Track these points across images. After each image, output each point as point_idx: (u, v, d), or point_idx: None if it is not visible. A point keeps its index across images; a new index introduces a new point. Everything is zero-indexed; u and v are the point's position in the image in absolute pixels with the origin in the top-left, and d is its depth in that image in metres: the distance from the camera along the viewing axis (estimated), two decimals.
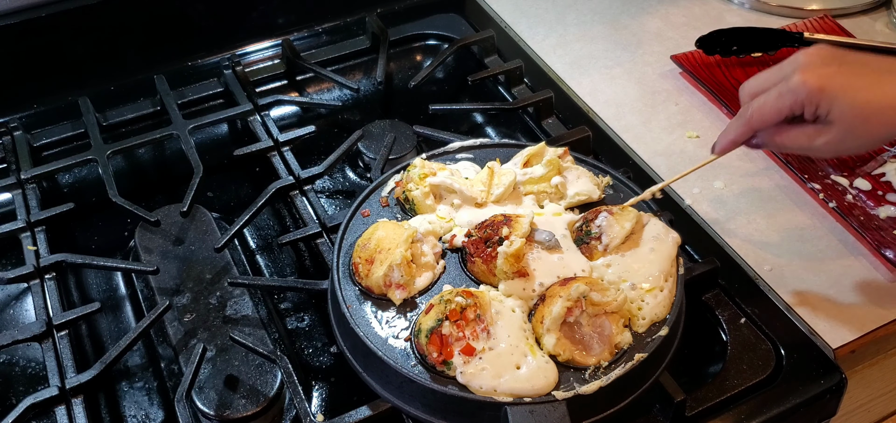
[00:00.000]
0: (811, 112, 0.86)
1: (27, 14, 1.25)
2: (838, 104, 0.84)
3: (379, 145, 1.21)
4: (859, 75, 0.85)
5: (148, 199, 1.19)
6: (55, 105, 1.28)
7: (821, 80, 0.84)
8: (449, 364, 0.84)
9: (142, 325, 0.97)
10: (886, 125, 0.85)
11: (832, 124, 0.85)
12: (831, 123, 0.85)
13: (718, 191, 1.14)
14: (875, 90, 0.84)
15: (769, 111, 0.88)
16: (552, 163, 1.01)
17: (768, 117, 0.88)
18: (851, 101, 0.84)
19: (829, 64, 0.85)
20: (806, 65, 0.85)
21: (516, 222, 0.93)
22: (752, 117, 0.89)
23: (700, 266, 1.01)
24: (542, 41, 1.40)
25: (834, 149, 0.87)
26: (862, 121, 0.84)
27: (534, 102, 1.26)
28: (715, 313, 0.99)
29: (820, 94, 0.84)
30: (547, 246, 0.93)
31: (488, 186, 1.01)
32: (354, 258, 0.94)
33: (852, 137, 0.86)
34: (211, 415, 0.90)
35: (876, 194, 1.11)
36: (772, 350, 0.96)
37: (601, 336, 0.86)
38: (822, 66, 0.85)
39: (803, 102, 0.85)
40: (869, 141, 0.87)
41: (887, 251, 1.03)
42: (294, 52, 1.35)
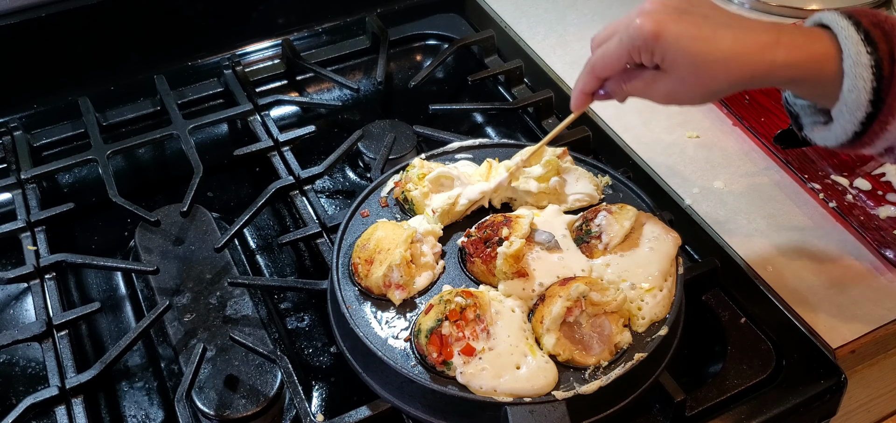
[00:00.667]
0: (649, 59, 0.84)
1: (27, 14, 1.25)
2: (671, 52, 0.82)
3: (379, 145, 1.21)
4: (697, 25, 0.82)
5: (148, 199, 1.19)
6: (55, 105, 1.28)
7: (657, 25, 0.82)
8: (449, 364, 0.84)
9: (142, 325, 0.97)
10: (717, 79, 0.82)
11: (666, 73, 0.84)
12: (665, 73, 0.84)
13: (718, 191, 1.14)
14: (708, 43, 0.81)
15: (611, 58, 0.87)
16: (551, 163, 1.01)
17: (610, 64, 0.87)
18: (683, 49, 0.81)
19: (670, 11, 0.82)
20: (647, 10, 0.83)
21: (516, 223, 0.93)
22: (596, 65, 0.88)
23: (700, 266, 1.01)
24: (542, 41, 1.40)
25: (669, 97, 0.86)
26: (693, 71, 0.82)
27: (534, 102, 1.26)
28: (715, 313, 0.99)
29: (654, 40, 0.82)
30: (547, 247, 0.93)
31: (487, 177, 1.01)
32: (354, 259, 0.94)
33: (685, 87, 0.84)
34: (211, 415, 0.90)
35: (876, 194, 1.11)
36: (772, 350, 0.96)
37: (601, 336, 0.86)
38: (662, 12, 0.82)
39: (640, 48, 0.83)
40: (702, 92, 0.85)
41: (887, 251, 1.03)
42: (294, 52, 1.35)
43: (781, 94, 0.94)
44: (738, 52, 0.81)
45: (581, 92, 0.92)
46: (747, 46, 0.81)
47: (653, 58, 0.84)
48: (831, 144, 0.87)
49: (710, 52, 0.81)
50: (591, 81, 0.91)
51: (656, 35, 0.82)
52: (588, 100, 0.93)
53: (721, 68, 0.82)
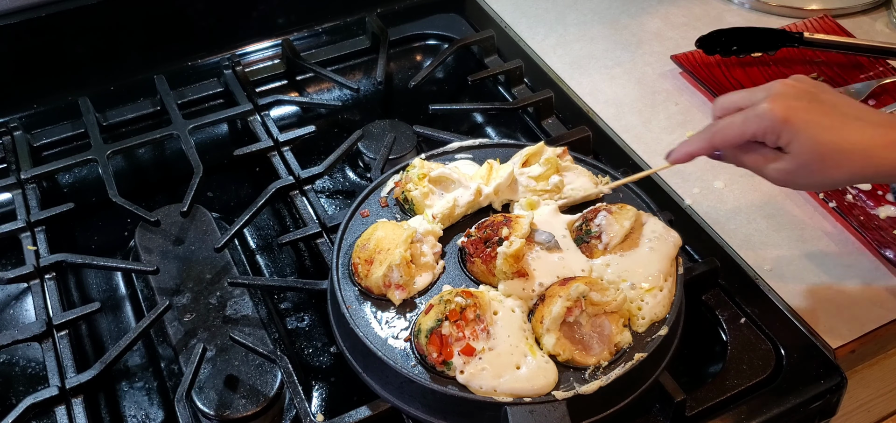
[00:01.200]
0: (773, 140, 0.86)
1: (27, 14, 1.25)
2: (799, 138, 0.84)
3: (379, 145, 1.21)
4: (826, 114, 0.84)
5: (148, 199, 1.19)
6: (55, 105, 1.28)
7: (788, 111, 0.84)
8: (449, 364, 0.84)
9: (142, 325, 0.97)
10: (841, 169, 0.84)
11: (789, 156, 0.86)
12: (788, 155, 0.86)
13: (718, 191, 1.14)
14: (837, 133, 0.84)
15: (732, 134, 0.88)
16: (550, 162, 1.01)
17: (730, 140, 0.89)
18: (811, 138, 0.84)
19: (801, 98, 0.85)
20: (778, 94, 0.85)
21: (516, 223, 0.93)
22: (715, 138, 0.90)
23: (700, 266, 1.01)
24: (542, 41, 1.40)
25: (785, 179, 0.87)
26: (818, 159, 0.84)
27: (534, 102, 1.26)
28: (715, 313, 0.99)
29: (783, 125, 0.84)
30: (547, 247, 0.93)
31: (487, 179, 1.01)
32: (354, 259, 0.94)
33: (806, 173, 0.86)
34: (211, 415, 0.90)
35: (876, 194, 1.11)
36: (772, 350, 0.96)
37: (601, 336, 0.86)
38: (793, 99, 0.85)
39: (767, 130, 0.85)
40: (822, 181, 0.87)
41: (887, 251, 1.03)
42: (294, 52, 1.35)
43: None
44: (865, 147, 0.83)
45: (689, 154, 0.93)
46: (876, 141, 0.83)
47: (778, 141, 0.85)
48: None
49: (837, 143, 0.83)
50: (707, 149, 0.91)
51: (786, 120, 0.84)
52: (690, 159, 0.93)
53: (846, 160, 0.84)
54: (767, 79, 1.28)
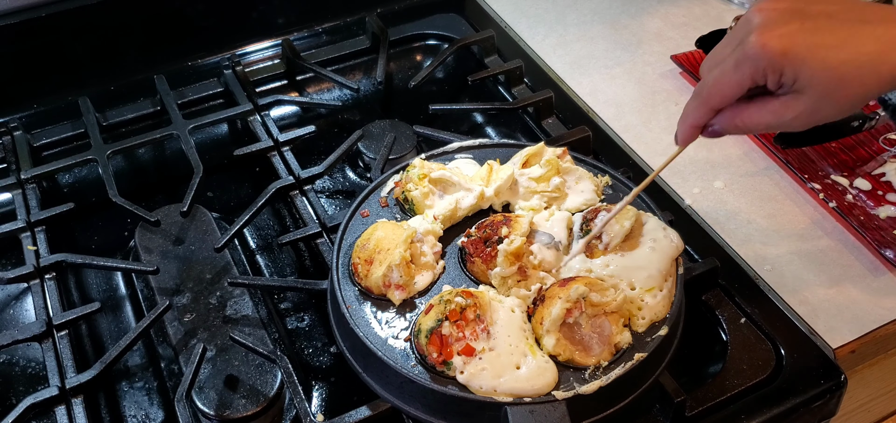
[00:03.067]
0: (775, 81, 0.74)
1: (27, 14, 1.25)
2: (807, 69, 0.72)
3: (379, 145, 1.21)
4: (826, 30, 0.72)
5: (148, 199, 1.19)
6: (55, 105, 1.28)
7: (782, 41, 0.72)
8: (449, 365, 0.84)
9: (142, 325, 0.97)
10: (865, 85, 0.73)
11: (801, 93, 0.73)
12: (800, 93, 0.73)
13: (718, 191, 1.14)
14: (849, 47, 0.72)
15: (727, 85, 0.76)
16: (551, 163, 1.01)
17: (727, 92, 0.76)
18: (823, 63, 0.71)
19: (790, 20, 0.72)
20: (763, 24, 0.73)
21: (516, 222, 0.93)
22: (711, 94, 0.77)
23: (700, 266, 1.01)
24: (542, 41, 1.40)
25: (806, 121, 0.75)
26: (837, 84, 0.72)
27: (534, 102, 1.26)
28: (715, 313, 0.99)
29: (783, 58, 0.72)
30: (547, 247, 0.93)
31: (487, 180, 1.01)
32: (353, 259, 0.94)
33: (828, 105, 0.74)
34: (211, 415, 0.90)
35: (876, 194, 1.11)
36: (772, 350, 0.96)
37: (601, 336, 0.86)
38: (782, 25, 0.72)
39: (765, 69, 0.73)
40: (846, 106, 0.74)
41: (887, 251, 1.03)
42: (294, 52, 1.35)
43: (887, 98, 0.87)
44: (884, 51, 0.72)
45: (692, 125, 0.81)
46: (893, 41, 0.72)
47: (781, 79, 0.74)
48: None
49: (852, 59, 0.72)
50: (704, 113, 0.79)
51: (784, 52, 0.72)
52: (697, 134, 0.82)
53: (868, 73, 0.72)
54: None
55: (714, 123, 0.80)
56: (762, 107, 0.76)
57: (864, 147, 1.18)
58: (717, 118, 0.80)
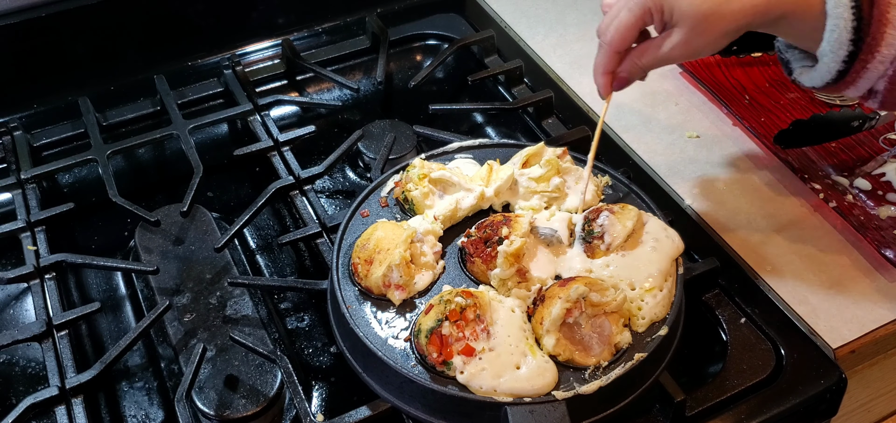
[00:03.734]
0: (660, 19, 0.88)
1: (27, 14, 1.25)
2: (679, 7, 0.86)
3: (379, 145, 1.21)
4: None
5: (148, 199, 1.19)
6: (55, 105, 1.28)
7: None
8: (449, 365, 0.84)
9: (142, 325, 0.97)
10: (727, 20, 0.86)
11: (677, 27, 0.87)
12: (676, 26, 0.87)
13: (718, 191, 1.14)
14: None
15: (624, 27, 0.89)
16: (551, 163, 1.01)
17: (625, 33, 0.90)
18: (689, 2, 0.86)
19: None
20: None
21: (516, 222, 0.93)
22: (613, 39, 0.91)
23: (700, 266, 1.01)
24: (542, 41, 1.40)
25: (683, 52, 0.89)
26: (703, 19, 0.86)
27: (534, 102, 1.26)
28: (715, 313, 0.99)
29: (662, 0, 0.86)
30: (548, 242, 0.93)
31: (487, 181, 1.01)
32: (353, 259, 0.94)
33: (697, 38, 0.87)
34: (211, 415, 0.90)
35: (876, 194, 1.11)
36: (772, 350, 0.96)
37: (601, 336, 0.86)
38: None
39: (650, 8, 0.87)
40: (713, 39, 0.88)
41: (887, 251, 1.03)
42: (294, 52, 1.35)
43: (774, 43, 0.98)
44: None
45: (604, 73, 0.94)
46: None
47: (663, 17, 0.88)
48: (817, 85, 0.90)
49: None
50: (611, 57, 0.93)
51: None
52: (612, 80, 0.95)
53: (726, 11, 0.86)
54: (768, 79, 1.28)
55: (620, 70, 0.94)
56: (650, 42, 0.91)
57: (864, 147, 1.18)
58: (622, 65, 0.93)
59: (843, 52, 0.85)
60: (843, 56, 0.85)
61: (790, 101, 1.25)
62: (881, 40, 0.83)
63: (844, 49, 0.85)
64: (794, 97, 1.26)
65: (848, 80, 0.87)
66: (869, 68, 0.85)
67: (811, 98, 1.26)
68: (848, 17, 0.83)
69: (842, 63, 0.86)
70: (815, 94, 1.24)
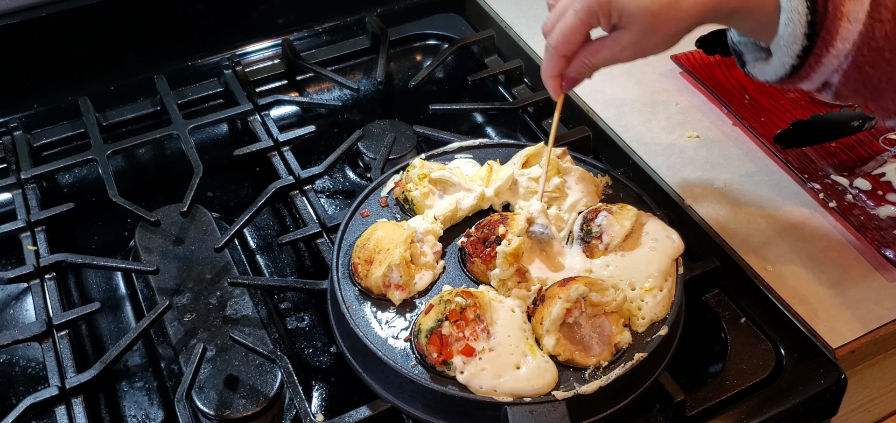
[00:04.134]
0: (607, 22, 0.86)
1: (27, 14, 1.25)
2: (628, 9, 0.84)
3: (379, 145, 1.21)
4: None
5: (148, 199, 1.19)
6: (55, 105, 1.28)
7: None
8: (449, 365, 0.84)
9: (142, 325, 0.97)
10: (675, 20, 0.84)
11: (626, 29, 0.85)
12: (625, 28, 0.86)
13: (718, 191, 1.14)
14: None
15: (570, 31, 0.87)
16: (551, 163, 1.01)
17: (571, 39, 0.88)
18: (638, 3, 0.84)
19: None
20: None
21: (512, 220, 0.93)
22: (559, 44, 0.89)
23: (700, 266, 1.01)
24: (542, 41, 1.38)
25: (633, 52, 0.87)
26: (653, 19, 0.84)
27: (534, 101, 1.26)
28: (715, 313, 0.99)
29: (609, 2, 0.84)
30: (541, 240, 0.93)
31: (487, 181, 1.01)
32: (353, 259, 0.94)
33: (647, 38, 0.86)
34: (211, 415, 0.90)
35: (876, 194, 1.11)
36: (772, 350, 0.96)
37: (601, 336, 0.86)
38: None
39: (597, 12, 0.85)
40: (664, 38, 0.87)
41: (887, 251, 1.03)
42: (294, 52, 1.35)
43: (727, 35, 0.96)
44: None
45: (552, 77, 0.93)
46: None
47: (610, 19, 0.85)
48: (771, 79, 0.89)
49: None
50: (558, 61, 0.91)
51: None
52: (559, 82, 0.93)
53: (676, 10, 0.84)
54: None
55: (569, 71, 0.92)
56: (600, 43, 0.89)
57: (864, 147, 1.18)
58: (570, 66, 0.91)
59: (797, 47, 0.83)
60: (797, 51, 0.83)
61: (790, 101, 1.25)
62: (836, 34, 0.81)
63: (798, 44, 0.83)
64: (794, 97, 1.26)
65: (801, 74, 0.85)
66: (823, 63, 0.83)
67: (811, 98, 1.26)
68: (802, 11, 0.81)
69: (796, 57, 0.84)
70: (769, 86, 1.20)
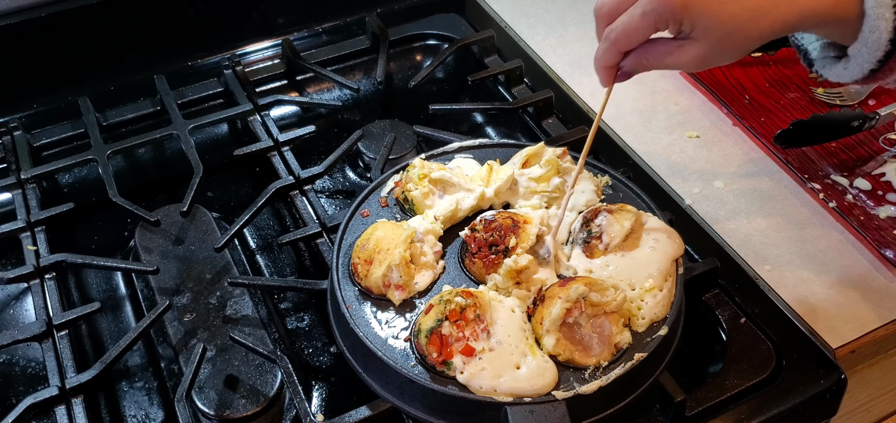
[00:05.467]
0: (675, 29, 0.84)
1: (27, 14, 1.25)
2: (702, 20, 0.82)
3: (379, 145, 1.21)
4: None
5: (148, 199, 1.19)
6: (55, 105, 1.28)
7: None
8: (449, 364, 0.84)
9: (142, 325, 0.97)
10: (750, 37, 0.84)
11: (697, 41, 0.84)
12: (696, 40, 0.84)
13: (718, 191, 1.14)
14: (737, 2, 0.82)
15: (634, 31, 0.85)
16: (551, 163, 1.01)
17: (633, 38, 0.86)
18: (715, 16, 0.82)
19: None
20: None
21: (523, 232, 0.92)
22: (619, 39, 0.86)
23: (700, 266, 1.01)
24: (542, 41, 1.40)
25: (699, 64, 0.86)
26: (726, 35, 0.83)
27: (534, 101, 1.26)
28: (715, 313, 0.99)
29: (683, 11, 0.82)
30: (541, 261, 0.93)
31: (487, 181, 1.01)
32: (353, 259, 0.94)
33: (717, 53, 0.85)
34: (211, 415, 0.90)
35: (876, 194, 1.11)
36: (772, 350, 0.96)
37: (601, 336, 0.86)
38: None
39: (668, 20, 0.83)
40: (734, 53, 0.86)
41: (887, 251, 1.03)
42: (294, 52, 1.35)
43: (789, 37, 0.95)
44: (767, 7, 0.82)
45: (605, 67, 0.90)
46: None
47: (680, 28, 0.84)
48: (845, 80, 0.89)
49: (741, 13, 0.82)
50: (614, 54, 0.88)
51: (684, 6, 0.81)
52: (613, 73, 0.91)
53: (753, 26, 0.83)
54: (768, 79, 1.28)
55: (623, 65, 0.89)
56: (664, 48, 0.87)
57: (864, 147, 1.18)
58: (626, 60, 0.89)
59: (880, 53, 0.83)
60: (879, 56, 0.83)
61: (790, 101, 1.25)
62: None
63: (882, 50, 0.83)
64: (794, 97, 1.26)
65: (879, 76, 0.85)
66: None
67: (811, 98, 1.26)
68: (889, 16, 0.81)
69: (877, 62, 0.84)
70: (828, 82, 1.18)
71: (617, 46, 0.88)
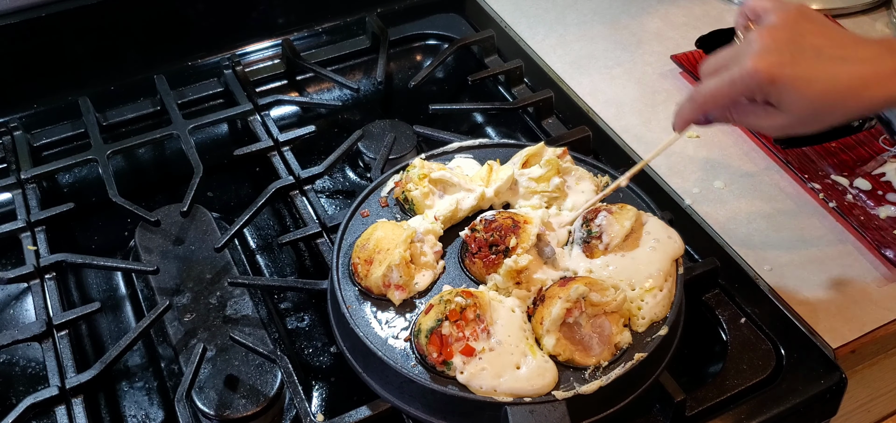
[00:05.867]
0: (762, 99, 0.85)
1: (27, 14, 1.25)
2: (788, 96, 0.83)
3: (379, 145, 1.21)
4: (812, 66, 0.83)
5: (148, 199, 1.19)
6: (55, 105, 1.28)
7: (772, 69, 0.82)
8: (449, 364, 0.84)
9: (142, 325, 0.97)
10: (835, 115, 0.85)
11: (783, 112, 0.85)
12: (783, 111, 0.85)
13: (718, 191, 1.14)
14: (825, 82, 0.83)
15: (720, 97, 0.87)
16: (551, 163, 1.01)
17: (720, 103, 0.87)
18: (802, 94, 0.83)
19: (785, 50, 0.83)
20: (761, 51, 0.83)
21: (524, 232, 0.92)
22: (706, 103, 0.88)
23: (700, 266, 1.01)
24: (542, 41, 1.40)
25: (783, 132, 0.88)
26: (813, 113, 0.84)
27: (534, 101, 1.26)
28: (715, 313, 0.99)
29: (770, 85, 0.83)
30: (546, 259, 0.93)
31: (487, 181, 1.01)
32: (353, 259, 0.93)
33: (802, 125, 0.86)
34: (211, 415, 0.90)
35: (876, 194, 1.11)
36: (772, 350, 0.96)
37: (601, 336, 0.86)
38: (776, 54, 0.83)
39: (754, 91, 0.84)
40: (818, 128, 0.87)
41: (887, 251, 1.03)
42: (294, 52, 1.35)
43: None
44: (856, 89, 0.83)
45: (685, 121, 0.91)
46: (866, 81, 0.83)
47: (768, 98, 0.84)
48: None
49: (828, 94, 0.83)
50: (696, 115, 0.90)
51: (772, 80, 0.82)
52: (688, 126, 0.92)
53: (840, 106, 0.84)
54: None
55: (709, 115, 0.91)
56: (751, 109, 0.87)
57: (864, 147, 1.18)
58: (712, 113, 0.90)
59: None
60: None
61: None
62: None
63: None
64: None
65: None
66: None
67: None
68: None
69: None
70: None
71: (703, 109, 0.89)
